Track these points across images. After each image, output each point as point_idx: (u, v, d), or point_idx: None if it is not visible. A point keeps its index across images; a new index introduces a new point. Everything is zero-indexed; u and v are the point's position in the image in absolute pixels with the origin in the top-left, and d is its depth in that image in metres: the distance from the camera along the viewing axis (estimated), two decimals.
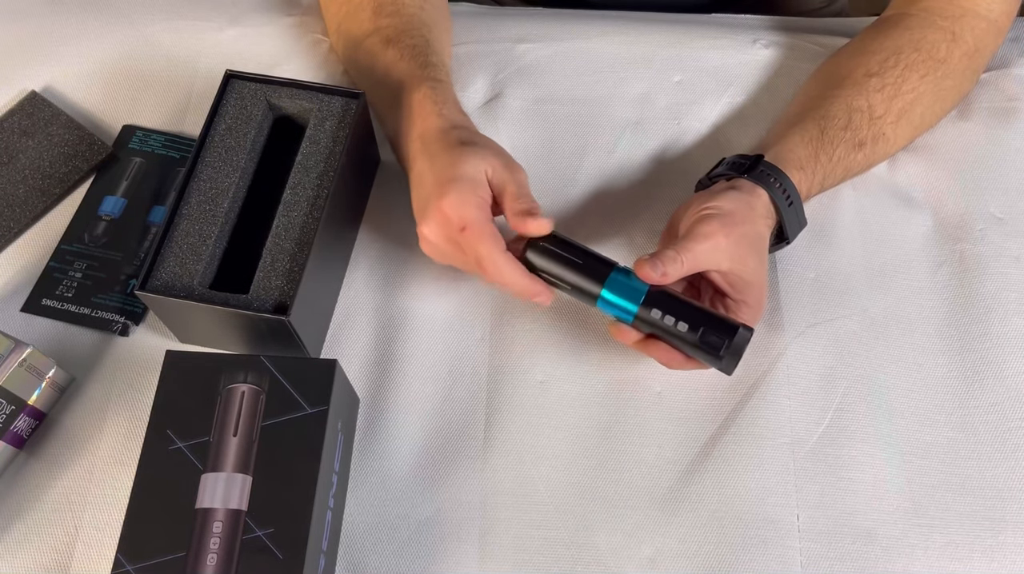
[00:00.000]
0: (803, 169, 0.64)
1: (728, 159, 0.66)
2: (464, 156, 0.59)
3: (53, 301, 0.67)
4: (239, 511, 0.52)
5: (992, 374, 0.64)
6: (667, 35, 0.79)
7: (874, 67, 0.68)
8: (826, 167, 0.66)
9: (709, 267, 0.59)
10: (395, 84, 0.66)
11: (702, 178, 0.67)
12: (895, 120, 0.68)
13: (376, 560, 0.59)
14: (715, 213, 0.60)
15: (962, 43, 0.69)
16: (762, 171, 0.63)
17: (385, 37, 0.69)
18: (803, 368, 0.65)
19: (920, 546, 0.59)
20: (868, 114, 0.67)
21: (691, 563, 0.59)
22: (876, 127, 0.67)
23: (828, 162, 0.66)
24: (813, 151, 0.65)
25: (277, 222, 0.62)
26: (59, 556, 0.59)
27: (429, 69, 0.66)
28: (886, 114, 0.67)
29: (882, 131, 0.67)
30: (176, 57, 0.77)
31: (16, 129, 0.73)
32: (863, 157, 0.68)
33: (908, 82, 0.68)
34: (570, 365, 0.65)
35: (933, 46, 0.69)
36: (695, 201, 0.62)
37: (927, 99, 0.69)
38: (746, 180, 0.63)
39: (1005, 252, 0.68)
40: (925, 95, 0.68)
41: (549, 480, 0.62)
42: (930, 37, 0.69)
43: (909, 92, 0.68)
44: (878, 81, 0.68)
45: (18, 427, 0.61)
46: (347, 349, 0.66)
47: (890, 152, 0.71)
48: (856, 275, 0.68)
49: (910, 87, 0.68)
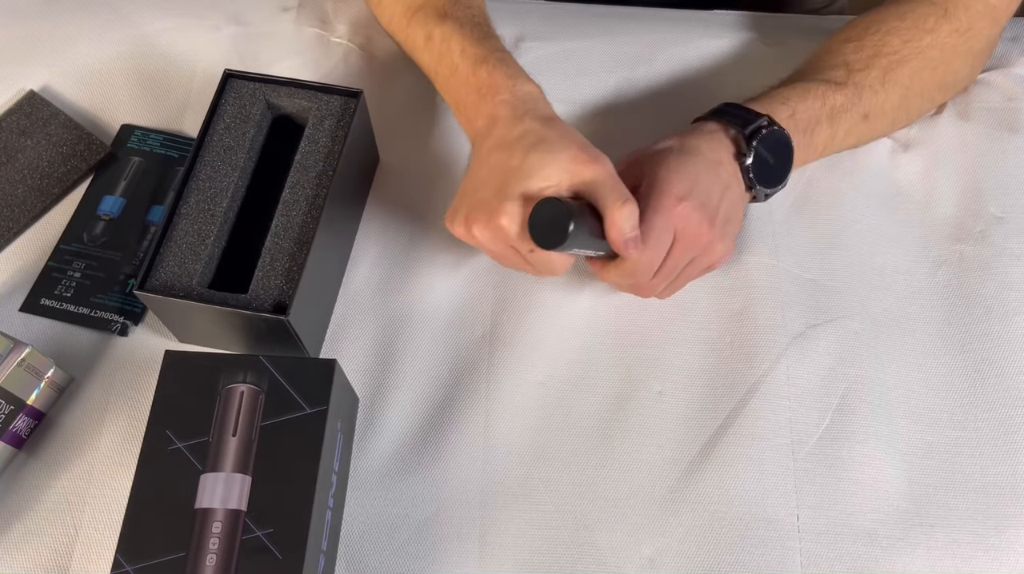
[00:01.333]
0: (756, 101, 0.64)
1: None
2: (539, 165, 0.55)
3: (52, 301, 0.67)
4: (238, 511, 0.52)
5: (994, 373, 0.64)
6: (668, 34, 0.79)
7: (852, 35, 0.68)
8: (788, 95, 0.64)
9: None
10: (456, 58, 0.64)
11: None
12: (881, 76, 0.66)
13: (376, 560, 0.59)
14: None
15: (953, 19, 0.68)
16: (716, 108, 0.65)
17: (438, 10, 0.66)
18: (803, 368, 0.65)
19: (923, 546, 0.59)
20: (845, 68, 0.66)
21: (691, 563, 0.59)
22: (857, 77, 0.66)
23: (790, 91, 0.65)
24: (780, 89, 0.65)
25: (276, 222, 0.62)
26: (59, 556, 0.59)
27: (493, 40, 0.65)
28: (867, 68, 0.66)
29: (866, 83, 0.66)
30: (174, 56, 0.77)
31: (15, 129, 0.73)
32: (845, 99, 0.65)
33: (888, 45, 0.67)
34: (570, 365, 0.65)
35: (920, 17, 0.68)
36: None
37: (913, 63, 0.67)
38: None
39: (1006, 251, 0.68)
40: (910, 59, 0.67)
41: (549, 480, 0.62)
42: (918, 10, 0.68)
43: (891, 53, 0.67)
44: (855, 45, 0.67)
45: (17, 427, 0.61)
46: (347, 349, 0.66)
47: (887, 111, 0.68)
48: (856, 275, 0.68)
49: (891, 49, 0.67)
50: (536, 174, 0.55)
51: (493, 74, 0.61)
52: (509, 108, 0.59)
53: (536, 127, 0.58)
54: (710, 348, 0.66)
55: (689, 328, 0.66)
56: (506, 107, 0.59)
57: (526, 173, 0.55)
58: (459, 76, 0.63)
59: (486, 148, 0.59)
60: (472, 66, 0.62)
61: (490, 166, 0.58)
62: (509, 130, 0.58)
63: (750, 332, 0.66)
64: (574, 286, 0.67)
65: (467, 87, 0.62)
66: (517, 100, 0.60)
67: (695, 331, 0.66)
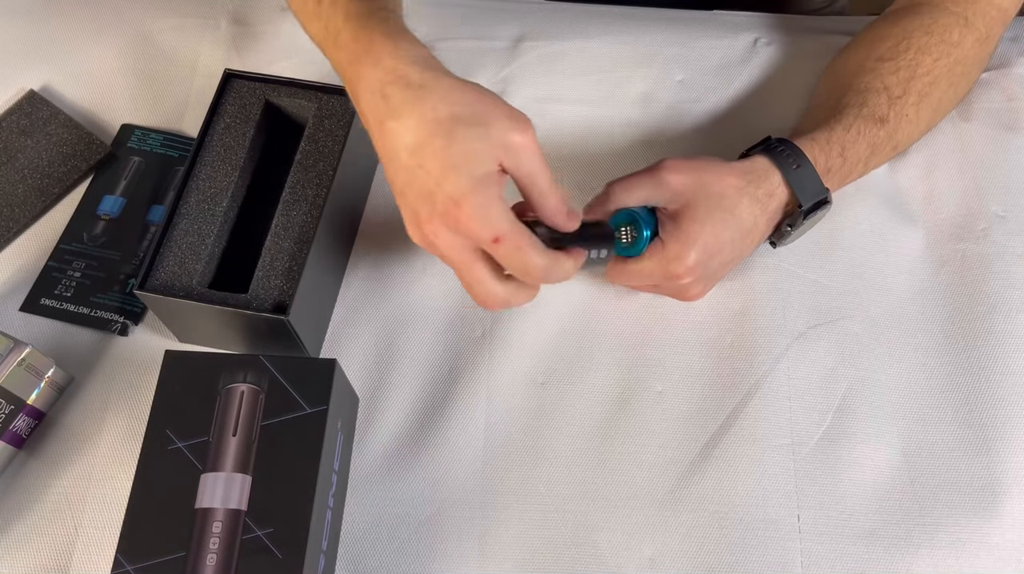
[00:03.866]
0: (815, 140, 0.63)
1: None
2: (470, 143, 0.48)
3: (52, 300, 0.67)
4: (239, 511, 0.52)
5: (998, 370, 0.64)
6: (669, 34, 0.79)
7: (885, 52, 0.67)
8: (843, 139, 0.63)
9: (646, 201, 0.60)
10: (339, 22, 0.53)
11: None
12: (917, 101, 0.66)
13: (376, 560, 0.59)
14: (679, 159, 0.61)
15: (974, 29, 0.68)
16: (765, 142, 0.64)
17: None
18: (804, 369, 0.65)
19: (925, 546, 0.59)
20: (886, 94, 0.65)
21: (691, 563, 0.59)
22: (898, 107, 0.65)
23: (845, 134, 0.63)
24: (825, 126, 0.64)
25: (276, 221, 0.62)
26: (59, 556, 0.59)
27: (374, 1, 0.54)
28: (906, 95, 0.65)
29: (904, 112, 0.65)
30: (175, 56, 0.77)
31: (15, 128, 0.73)
32: (886, 134, 0.65)
33: (922, 65, 0.66)
34: (570, 365, 0.65)
35: (945, 30, 0.67)
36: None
37: (943, 83, 0.67)
38: (749, 151, 0.64)
39: (1008, 250, 0.68)
40: (941, 79, 0.67)
41: (549, 480, 0.62)
42: (942, 21, 0.68)
43: (925, 75, 0.66)
44: (891, 64, 0.66)
45: (17, 427, 0.60)
46: (347, 349, 0.66)
47: (914, 136, 0.69)
48: (858, 275, 0.68)
49: (925, 70, 0.66)
50: (473, 155, 0.48)
51: (374, 41, 0.50)
52: (404, 80, 0.49)
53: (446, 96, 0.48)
54: (711, 348, 0.66)
55: (689, 328, 0.66)
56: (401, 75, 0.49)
57: (462, 158, 0.48)
58: (341, 43, 0.52)
59: (393, 136, 0.49)
60: (353, 34, 0.51)
61: (413, 155, 0.48)
62: (416, 108, 0.48)
63: (751, 332, 0.66)
64: (574, 286, 0.67)
65: (352, 56, 0.51)
66: (413, 70, 0.49)
67: (695, 331, 0.66)
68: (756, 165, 0.62)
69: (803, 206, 0.62)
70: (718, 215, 0.60)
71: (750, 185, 0.61)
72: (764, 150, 0.63)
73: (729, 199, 0.60)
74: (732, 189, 0.60)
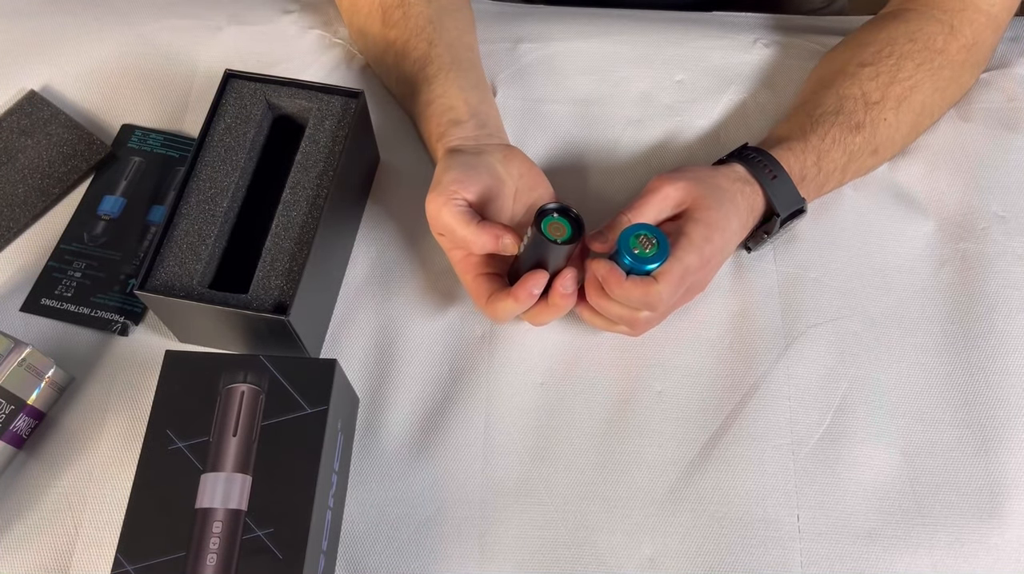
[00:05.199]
0: (790, 149, 0.65)
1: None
2: (448, 166, 0.61)
3: (52, 301, 0.67)
4: (239, 511, 0.52)
5: (997, 370, 0.64)
6: (668, 34, 0.79)
7: (867, 58, 0.68)
8: (819, 147, 0.65)
9: (658, 218, 0.62)
10: (417, 100, 0.69)
11: None
12: (895, 106, 0.67)
13: (376, 560, 0.59)
14: (668, 173, 0.63)
15: (960, 36, 0.69)
16: (741, 151, 0.65)
17: (397, 52, 0.70)
18: (804, 368, 0.65)
19: (925, 545, 0.59)
20: (863, 100, 0.67)
21: (691, 563, 0.59)
22: (874, 112, 0.66)
23: (820, 142, 0.65)
24: (801, 133, 0.66)
25: (277, 221, 0.62)
26: (59, 556, 0.59)
27: (430, 83, 0.67)
28: (884, 100, 0.67)
29: (882, 116, 0.67)
30: (175, 56, 0.77)
31: (15, 128, 0.73)
32: (863, 140, 0.66)
33: (903, 70, 0.67)
34: (570, 365, 0.65)
35: (930, 37, 0.68)
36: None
37: (926, 88, 0.68)
38: (725, 159, 0.65)
39: (1008, 250, 0.68)
40: (923, 83, 0.68)
41: (549, 480, 0.62)
42: (927, 28, 0.69)
43: (906, 79, 0.67)
44: (871, 70, 0.67)
45: (17, 427, 0.61)
46: (347, 349, 0.66)
47: (897, 141, 0.70)
48: (857, 275, 0.68)
49: (906, 75, 0.67)
50: (447, 171, 0.61)
51: (432, 123, 0.67)
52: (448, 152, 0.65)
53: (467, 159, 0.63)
54: (710, 348, 0.66)
55: (689, 328, 0.66)
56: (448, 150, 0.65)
57: (443, 169, 0.62)
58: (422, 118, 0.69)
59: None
60: (423, 117, 0.68)
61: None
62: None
63: (750, 332, 0.66)
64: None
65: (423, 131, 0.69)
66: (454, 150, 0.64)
67: (695, 331, 0.66)
68: (736, 172, 0.64)
69: (780, 215, 0.64)
70: (728, 204, 0.62)
71: (737, 182, 0.64)
72: (740, 159, 0.65)
73: (728, 191, 0.63)
74: (727, 181, 0.63)
